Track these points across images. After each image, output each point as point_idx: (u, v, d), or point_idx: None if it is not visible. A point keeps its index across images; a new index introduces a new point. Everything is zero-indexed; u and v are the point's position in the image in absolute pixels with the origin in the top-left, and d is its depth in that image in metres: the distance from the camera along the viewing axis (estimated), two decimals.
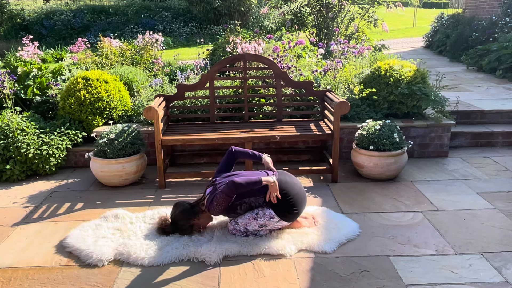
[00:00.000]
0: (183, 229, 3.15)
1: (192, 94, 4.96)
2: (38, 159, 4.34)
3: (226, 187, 2.92)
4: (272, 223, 3.08)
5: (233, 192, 2.92)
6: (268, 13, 14.54)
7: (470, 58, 8.75)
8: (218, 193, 2.97)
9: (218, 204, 2.97)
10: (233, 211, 3.09)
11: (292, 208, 3.07)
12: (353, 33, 9.20)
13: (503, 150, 5.03)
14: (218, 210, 3.01)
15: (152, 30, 10.77)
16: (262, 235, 3.13)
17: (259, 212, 3.07)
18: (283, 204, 3.06)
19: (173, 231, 3.17)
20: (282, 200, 3.05)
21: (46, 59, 7.19)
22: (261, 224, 3.08)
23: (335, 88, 5.17)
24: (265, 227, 3.10)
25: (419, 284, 2.65)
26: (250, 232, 3.12)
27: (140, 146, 4.24)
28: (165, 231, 3.17)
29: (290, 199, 3.06)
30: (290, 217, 3.11)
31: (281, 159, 4.78)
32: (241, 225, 3.11)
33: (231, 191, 2.91)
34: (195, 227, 3.17)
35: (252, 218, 3.08)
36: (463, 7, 12.10)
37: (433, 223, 3.37)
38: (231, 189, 2.91)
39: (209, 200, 3.05)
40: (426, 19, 18.70)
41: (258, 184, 2.93)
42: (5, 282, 2.74)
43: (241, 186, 2.89)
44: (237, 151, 3.38)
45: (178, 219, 3.13)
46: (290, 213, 3.08)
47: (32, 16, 16.23)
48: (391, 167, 4.10)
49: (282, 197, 3.04)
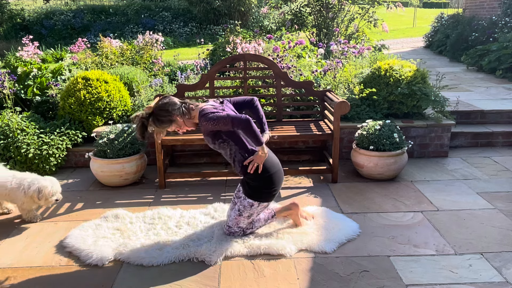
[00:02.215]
0: (160, 121, 2.92)
1: (192, 94, 4.96)
2: (38, 159, 4.34)
3: (238, 116, 2.82)
4: (255, 209, 3.06)
5: (239, 125, 2.82)
6: (268, 13, 14.54)
7: (470, 58, 8.75)
8: (225, 115, 2.85)
9: (215, 120, 2.82)
10: (213, 139, 2.97)
11: (270, 187, 3.03)
12: (353, 33, 9.20)
13: (503, 150, 5.03)
14: (208, 125, 2.87)
15: (152, 30, 10.77)
16: (258, 227, 3.17)
17: (240, 208, 3.07)
18: (260, 181, 3.01)
19: (151, 122, 2.94)
20: (260, 176, 2.99)
21: (46, 59, 7.19)
22: (248, 215, 3.07)
23: (335, 88, 5.17)
24: (252, 216, 3.09)
25: (419, 284, 2.65)
26: (246, 228, 3.13)
27: (140, 146, 4.24)
28: (143, 122, 2.93)
29: (268, 176, 3.01)
30: (267, 197, 3.06)
31: (281, 159, 4.74)
32: (234, 227, 3.12)
33: (239, 123, 2.81)
34: (174, 125, 2.98)
35: (237, 215, 3.08)
36: (463, 7, 12.10)
37: (433, 223, 3.37)
38: (240, 122, 2.81)
39: (209, 111, 2.90)
40: (426, 19, 18.71)
41: (259, 141, 2.89)
42: (5, 282, 2.74)
43: (250, 128, 2.82)
44: (256, 107, 3.22)
45: (161, 109, 2.92)
46: (268, 192, 3.04)
47: (32, 16, 16.22)
48: (391, 167, 4.10)
49: (262, 172, 2.98)
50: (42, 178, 3.46)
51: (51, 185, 3.42)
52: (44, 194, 3.37)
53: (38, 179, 3.42)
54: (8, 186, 3.40)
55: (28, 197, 3.37)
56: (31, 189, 3.35)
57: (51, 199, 3.43)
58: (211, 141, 3.02)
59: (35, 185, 3.36)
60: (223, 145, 3.02)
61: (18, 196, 3.39)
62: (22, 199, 3.38)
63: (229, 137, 2.99)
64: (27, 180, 3.41)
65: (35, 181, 3.39)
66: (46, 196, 3.39)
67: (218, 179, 4.33)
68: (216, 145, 3.03)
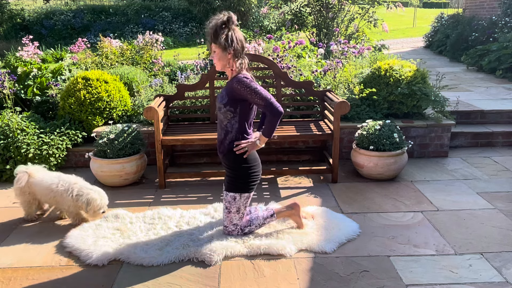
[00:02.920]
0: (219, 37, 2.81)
1: (192, 94, 4.96)
2: (38, 159, 4.33)
3: (277, 104, 2.83)
4: (239, 202, 3.05)
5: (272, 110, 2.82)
6: (268, 13, 14.54)
7: (470, 58, 8.75)
8: (267, 94, 2.83)
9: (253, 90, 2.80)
10: (229, 103, 2.88)
11: (248, 178, 3.02)
12: (353, 33, 9.20)
13: (503, 150, 5.03)
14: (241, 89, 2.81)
15: (152, 30, 10.75)
16: (257, 225, 3.17)
17: (226, 205, 3.08)
18: (238, 171, 3.00)
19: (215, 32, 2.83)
20: (238, 165, 2.99)
21: (46, 59, 7.18)
22: (236, 210, 3.07)
23: (335, 88, 5.17)
24: (241, 210, 3.08)
25: (419, 284, 2.65)
26: (244, 226, 3.14)
27: (140, 146, 4.24)
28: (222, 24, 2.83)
29: (246, 167, 3.00)
30: (245, 188, 3.04)
31: (281, 159, 4.78)
32: (229, 225, 3.13)
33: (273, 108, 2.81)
34: (220, 49, 2.83)
35: (227, 213, 3.10)
36: (463, 7, 12.10)
37: (433, 223, 3.37)
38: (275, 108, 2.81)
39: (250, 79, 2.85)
40: (426, 19, 18.71)
41: (270, 134, 2.92)
42: (5, 282, 2.74)
43: (277, 121, 2.86)
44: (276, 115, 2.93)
45: (234, 34, 2.85)
46: (245, 183, 3.02)
47: (32, 16, 16.22)
48: (391, 167, 4.10)
49: (241, 161, 2.98)
50: (91, 188, 3.37)
51: (99, 198, 3.36)
52: (93, 207, 3.31)
53: (87, 190, 3.34)
54: (54, 189, 3.35)
55: (76, 204, 3.32)
56: (80, 200, 3.30)
57: (98, 211, 3.36)
58: (225, 103, 2.89)
59: (84, 197, 3.30)
60: (228, 114, 2.93)
61: (65, 199, 3.33)
62: (69, 203, 3.33)
63: (240, 113, 2.92)
64: (75, 186, 3.34)
65: (84, 191, 3.32)
66: (94, 208, 3.33)
67: (218, 179, 4.33)
68: (223, 109, 2.93)
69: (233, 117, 2.94)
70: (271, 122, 2.90)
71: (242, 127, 2.98)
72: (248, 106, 2.94)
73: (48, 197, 3.40)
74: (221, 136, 3.03)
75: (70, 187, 3.33)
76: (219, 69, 2.97)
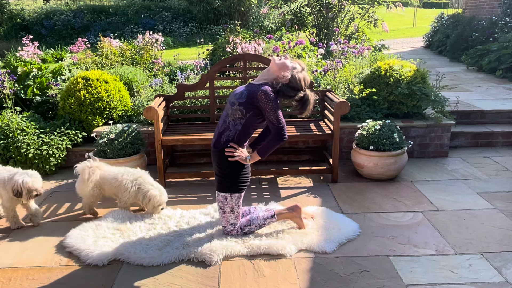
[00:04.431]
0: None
1: (192, 94, 4.96)
2: (38, 159, 4.34)
3: (285, 131, 2.95)
4: (231, 201, 3.07)
5: (277, 134, 2.93)
6: (268, 13, 14.54)
7: (470, 58, 8.75)
8: (282, 118, 2.94)
9: (273, 108, 2.89)
10: (245, 105, 2.93)
11: (236, 180, 3.05)
12: (353, 33, 9.20)
13: (503, 150, 5.03)
14: (262, 100, 2.88)
15: (152, 30, 10.77)
16: (257, 225, 3.17)
17: (220, 206, 3.10)
18: (227, 170, 3.03)
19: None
20: (229, 169, 3.02)
21: (46, 59, 7.18)
22: (230, 210, 3.08)
23: (335, 88, 5.17)
24: (235, 209, 3.09)
25: (419, 284, 2.65)
26: (243, 225, 3.14)
27: (140, 146, 4.24)
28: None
29: (235, 175, 3.04)
30: (235, 188, 3.07)
31: (281, 159, 4.78)
32: (227, 225, 3.14)
33: (279, 133, 2.93)
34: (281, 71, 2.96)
35: (222, 213, 3.11)
36: (463, 7, 12.10)
37: (433, 223, 3.37)
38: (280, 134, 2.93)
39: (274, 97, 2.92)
40: (426, 19, 18.71)
41: (263, 155, 3.01)
42: (5, 282, 2.74)
43: (275, 145, 2.97)
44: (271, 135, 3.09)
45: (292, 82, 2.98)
46: (233, 183, 3.05)
47: (32, 16, 16.22)
48: (391, 167, 4.10)
49: (231, 165, 3.01)
50: (152, 184, 3.48)
51: (159, 194, 3.47)
52: (153, 202, 3.44)
53: (149, 186, 3.45)
54: (120, 178, 3.46)
55: (136, 196, 3.45)
56: (140, 194, 3.43)
57: (158, 207, 3.49)
58: (241, 102, 2.92)
59: (145, 192, 3.42)
60: (238, 113, 2.94)
61: (127, 190, 3.45)
62: (130, 194, 3.46)
63: (248, 119, 2.95)
64: (139, 180, 3.46)
65: (145, 188, 3.44)
66: (154, 204, 3.45)
67: None
68: (235, 106, 2.94)
69: (240, 119, 2.96)
70: (270, 145, 2.97)
71: (242, 133, 2.99)
72: (258, 119, 2.98)
73: (113, 187, 3.50)
74: (220, 130, 3.04)
75: (134, 179, 3.47)
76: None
